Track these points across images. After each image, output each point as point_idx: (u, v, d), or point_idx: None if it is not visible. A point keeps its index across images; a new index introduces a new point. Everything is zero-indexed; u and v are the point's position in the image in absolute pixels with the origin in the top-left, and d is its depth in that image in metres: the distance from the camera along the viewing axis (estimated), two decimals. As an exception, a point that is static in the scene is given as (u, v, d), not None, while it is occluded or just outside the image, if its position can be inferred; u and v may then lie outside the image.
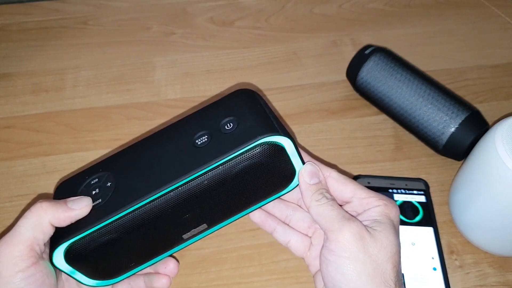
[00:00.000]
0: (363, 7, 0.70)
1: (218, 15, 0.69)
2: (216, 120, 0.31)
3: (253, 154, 0.29)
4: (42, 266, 0.29)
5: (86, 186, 0.32)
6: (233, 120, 0.31)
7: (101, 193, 0.31)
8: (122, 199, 0.30)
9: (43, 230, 0.29)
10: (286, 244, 0.37)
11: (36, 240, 0.29)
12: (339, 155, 0.51)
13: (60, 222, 0.29)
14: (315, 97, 0.57)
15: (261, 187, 0.32)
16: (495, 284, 0.42)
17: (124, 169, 0.32)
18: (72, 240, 0.29)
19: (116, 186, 0.31)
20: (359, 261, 0.29)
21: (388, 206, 0.32)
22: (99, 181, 0.32)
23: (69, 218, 0.29)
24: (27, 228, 0.29)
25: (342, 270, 0.29)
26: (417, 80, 0.50)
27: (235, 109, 0.32)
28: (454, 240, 0.45)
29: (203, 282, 0.42)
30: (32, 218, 0.29)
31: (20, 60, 0.62)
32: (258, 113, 0.31)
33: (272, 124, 0.30)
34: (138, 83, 0.59)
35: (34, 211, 0.29)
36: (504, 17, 0.67)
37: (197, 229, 0.33)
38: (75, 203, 0.30)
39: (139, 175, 0.31)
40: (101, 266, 0.32)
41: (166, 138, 0.33)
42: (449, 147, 0.48)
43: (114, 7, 0.70)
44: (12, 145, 0.53)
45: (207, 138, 0.30)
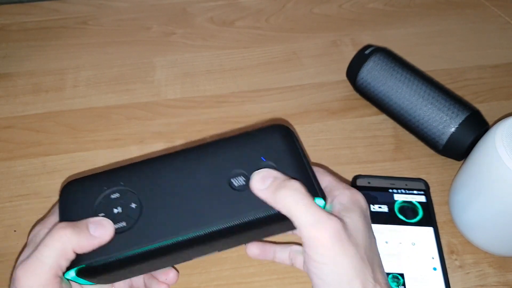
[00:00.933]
0: (363, 7, 0.70)
1: (218, 15, 0.69)
2: (254, 160, 0.31)
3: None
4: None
5: (105, 200, 0.30)
6: (272, 167, 0.30)
7: (124, 215, 0.29)
8: (151, 233, 0.29)
9: (67, 258, 0.28)
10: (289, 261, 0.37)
11: (59, 267, 0.28)
12: (339, 155, 0.51)
13: (83, 250, 0.28)
14: (315, 97, 0.57)
15: (282, 227, 0.31)
16: (495, 284, 0.42)
17: (150, 191, 0.30)
18: (92, 264, 0.29)
19: (142, 211, 0.30)
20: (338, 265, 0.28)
21: (355, 193, 0.32)
22: (121, 198, 0.30)
23: (92, 246, 0.28)
24: (51, 256, 0.28)
25: (320, 273, 0.28)
26: (417, 80, 0.50)
27: (274, 152, 0.31)
28: (454, 240, 0.45)
29: (203, 282, 0.42)
30: (56, 246, 0.28)
31: (20, 60, 0.62)
32: (298, 166, 0.31)
33: (312, 185, 0.30)
34: (138, 83, 0.59)
35: (58, 238, 0.28)
36: (504, 17, 0.67)
37: (208, 254, 0.33)
38: (97, 229, 0.29)
39: (168, 206, 0.30)
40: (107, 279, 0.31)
41: (197, 165, 0.31)
42: (449, 147, 0.48)
43: (114, 7, 0.70)
44: (12, 145, 0.53)
45: (244, 181, 0.30)
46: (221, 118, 0.55)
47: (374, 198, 0.46)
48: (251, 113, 0.56)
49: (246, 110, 0.56)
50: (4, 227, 0.46)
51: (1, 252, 0.44)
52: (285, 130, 0.33)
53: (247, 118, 0.55)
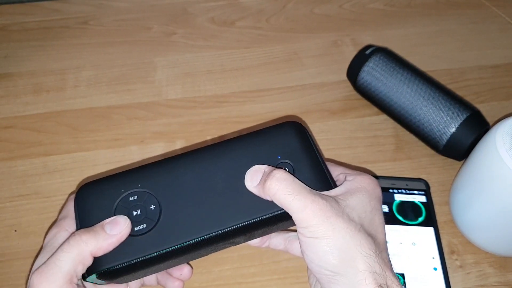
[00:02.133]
0: (363, 7, 0.70)
1: (218, 15, 0.69)
2: (271, 159, 0.31)
3: None
4: None
5: (124, 203, 0.30)
6: (288, 165, 0.31)
7: (144, 217, 0.30)
8: (171, 235, 0.29)
9: (84, 263, 0.28)
10: (284, 248, 0.37)
11: (75, 273, 0.28)
12: (340, 155, 0.51)
13: (103, 252, 0.28)
14: (316, 97, 0.57)
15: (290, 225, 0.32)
16: (495, 284, 0.42)
17: (168, 192, 0.31)
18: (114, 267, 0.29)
19: (161, 213, 0.30)
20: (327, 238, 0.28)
21: (365, 178, 0.32)
22: (140, 200, 0.30)
23: (110, 245, 0.28)
24: (67, 262, 0.28)
25: (313, 249, 0.28)
26: (418, 80, 0.50)
27: (289, 151, 0.31)
28: (455, 240, 0.45)
29: (204, 282, 0.42)
30: (73, 252, 0.28)
31: (21, 60, 0.62)
32: (313, 161, 0.31)
33: (326, 179, 0.31)
34: (139, 83, 0.60)
35: (74, 244, 0.28)
36: (504, 17, 0.67)
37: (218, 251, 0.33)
38: (113, 228, 0.29)
39: (188, 208, 0.30)
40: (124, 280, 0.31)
41: (214, 165, 0.31)
42: (450, 147, 0.48)
43: (115, 7, 0.70)
44: (13, 145, 0.53)
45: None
46: (222, 118, 0.55)
47: (374, 198, 0.46)
48: (252, 113, 0.56)
49: (247, 110, 0.56)
50: (4, 227, 0.46)
51: (2, 252, 0.44)
52: (299, 127, 0.33)
53: (248, 118, 0.55)
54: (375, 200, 0.31)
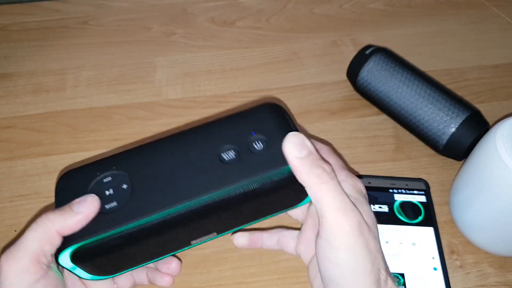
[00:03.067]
0: (363, 7, 0.70)
1: (218, 15, 0.69)
2: (245, 135, 0.31)
3: (278, 181, 0.29)
4: (51, 277, 0.28)
5: (98, 184, 0.30)
6: (262, 139, 0.30)
7: (115, 196, 0.30)
8: (141, 208, 0.29)
9: (51, 242, 0.28)
10: (277, 245, 0.37)
11: (43, 252, 0.28)
12: (340, 155, 0.51)
13: (70, 230, 0.28)
14: (316, 97, 0.57)
15: (277, 205, 0.32)
16: (495, 284, 0.42)
17: (141, 172, 0.31)
18: (84, 243, 0.28)
19: (133, 190, 0.30)
20: (357, 255, 0.27)
21: (357, 182, 0.30)
22: (113, 180, 0.30)
23: (78, 222, 0.28)
24: (33, 241, 0.27)
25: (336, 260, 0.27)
26: (418, 80, 0.50)
27: (264, 127, 0.31)
28: (455, 240, 0.45)
29: (204, 282, 0.42)
30: (39, 230, 0.27)
31: (21, 60, 0.62)
32: (287, 131, 0.31)
33: None
34: (139, 83, 0.60)
35: (41, 223, 0.28)
36: (504, 17, 0.67)
37: (206, 237, 0.33)
38: (80, 205, 0.28)
39: (159, 183, 0.30)
40: (104, 266, 0.31)
41: (188, 144, 0.31)
42: (450, 147, 0.48)
43: (115, 7, 0.70)
44: (13, 145, 0.53)
45: (234, 155, 0.30)
46: (222, 118, 0.55)
47: (374, 198, 0.46)
48: (251, 113, 0.56)
49: (247, 110, 0.56)
50: (4, 227, 0.46)
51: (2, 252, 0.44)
52: (275, 107, 0.33)
53: (248, 118, 0.55)
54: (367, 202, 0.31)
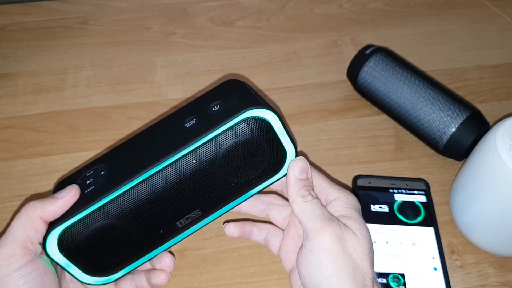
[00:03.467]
0: (363, 7, 0.70)
1: (218, 15, 0.69)
2: (205, 105, 0.32)
3: (238, 130, 0.30)
4: (39, 264, 0.30)
5: (82, 179, 0.32)
6: (220, 102, 0.31)
7: (94, 182, 0.31)
8: (111, 184, 0.30)
9: (35, 227, 0.29)
10: (264, 241, 0.38)
11: (28, 238, 0.29)
12: (340, 155, 0.51)
13: (52, 215, 0.30)
14: (316, 97, 0.57)
15: (252, 168, 0.32)
16: (495, 284, 0.42)
17: (117, 158, 0.33)
18: (63, 226, 0.29)
19: (108, 173, 0.31)
20: (339, 262, 0.29)
21: (348, 197, 0.33)
22: (94, 172, 0.32)
23: (59, 208, 0.30)
24: (18, 227, 0.29)
25: (322, 270, 0.29)
26: (418, 80, 0.50)
27: (222, 94, 0.32)
28: (455, 240, 0.45)
29: (204, 282, 0.42)
30: (22, 217, 0.30)
31: (21, 60, 0.62)
32: (244, 94, 0.32)
33: (256, 101, 0.31)
34: (139, 83, 0.59)
35: (23, 211, 0.30)
36: (504, 17, 0.67)
37: (190, 216, 0.32)
38: (60, 192, 0.30)
39: (130, 161, 0.31)
40: (96, 259, 0.32)
41: (158, 127, 0.33)
42: (450, 147, 0.48)
43: (115, 7, 0.70)
44: (12, 145, 0.53)
45: (195, 121, 0.31)
46: (222, 118, 0.55)
47: (374, 198, 0.46)
48: (251, 113, 0.56)
49: (247, 110, 0.56)
50: (4, 227, 0.46)
51: (2, 252, 0.44)
52: (234, 81, 0.34)
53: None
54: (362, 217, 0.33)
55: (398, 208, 0.45)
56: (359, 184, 0.47)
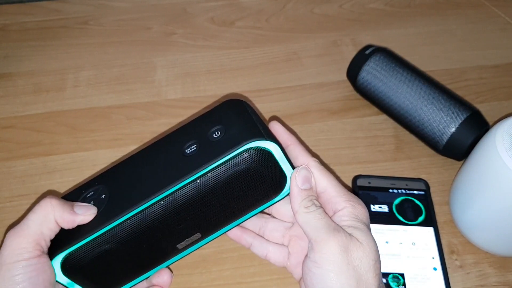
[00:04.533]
0: (363, 7, 0.70)
1: (218, 15, 0.69)
2: (205, 129, 0.32)
3: (240, 160, 0.30)
4: (44, 259, 0.30)
5: (82, 200, 0.32)
6: (220, 128, 0.31)
7: (95, 205, 0.31)
8: (115, 210, 0.30)
9: (49, 227, 0.30)
10: (265, 257, 0.37)
11: (42, 235, 0.30)
12: (340, 155, 0.51)
13: (64, 223, 0.30)
14: (316, 97, 0.57)
15: (252, 194, 0.32)
16: (495, 284, 0.42)
17: (117, 181, 0.33)
18: (67, 252, 0.30)
19: (109, 197, 0.31)
20: (343, 273, 0.29)
21: (356, 207, 0.31)
22: (94, 194, 0.32)
23: (72, 221, 0.30)
24: (34, 222, 0.30)
25: (326, 282, 0.29)
26: (418, 80, 0.50)
27: (223, 118, 0.32)
28: (455, 240, 0.45)
29: (204, 282, 0.42)
30: (40, 213, 0.30)
31: (21, 60, 0.62)
32: (244, 120, 0.32)
33: (258, 130, 0.31)
34: (139, 83, 0.59)
35: (43, 206, 0.30)
36: (504, 17, 0.67)
37: (191, 239, 0.33)
38: (81, 208, 0.30)
39: (131, 186, 0.31)
40: (98, 279, 0.32)
41: (157, 150, 0.33)
42: (450, 147, 0.48)
43: (115, 7, 0.70)
44: (12, 145, 0.53)
45: (195, 147, 0.31)
46: (222, 118, 0.55)
47: (374, 198, 0.46)
48: (251, 113, 0.56)
49: (247, 110, 0.56)
50: (4, 227, 0.46)
51: (2, 252, 0.44)
52: (236, 102, 0.34)
53: (248, 118, 0.55)
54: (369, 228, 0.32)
55: (398, 208, 0.45)
56: (359, 184, 0.47)
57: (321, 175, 0.32)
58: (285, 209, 0.36)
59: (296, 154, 0.33)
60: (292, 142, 0.34)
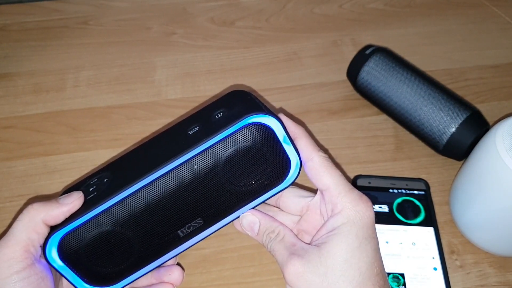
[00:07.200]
0: (363, 7, 0.70)
1: (218, 15, 0.69)
2: (208, 114, 0.32)
3: (240, 135, 0.29)
4: (38, 269, 0.29)
5: (86, 187, 0.32)
6: (223, 110, 0.31)
7: (97, 189, 0.31)
8: (114, 189, 0.30)
9: (37, 231, 0.29)
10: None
11: (30, 241, 0.29)
12: (340, 155, 0.51)
13: (54, 219, 0.29)
14: (316, 97, 0.57)
15: (255, 176, 0.31)
16: (495, 284, 0.42)
17: (121, 166, 0.33)
18: (63, 231, 0.29)
19: (111, 180, 0.31)
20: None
21: (357, 207, 0.30)
22: (98, 180, 0.32)
23: (62, 213, 0.29)
24: (20, 230, 0.29)
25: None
26: (418, 80, 0.50)
27: (227, 103, 0.32)
28: (455, 240, 0.45)
29: (204, 282, 0.42)
30: (25, 219, 0.29)
31: (21, 60, 0.62)
32: (247, 102, 0.31)
33: (260, 107, 0.30)
34: (139, 83, 0.59)
35: (26, 213, 0.29)
36: (504, 17, 0.67)
37: (192, 225, 0.32)
38: (65, 198, 0.30)
39: (132, 168, 0.31)
40: (97, 268, 0.31)
41: (163, 137, 0.33)
42: (450, 147, 0.48)
43: (115, 7, 0.70)
44: (12, 145, 0.53)
45: (198, 128, 0.31)
46: (222, 118, 0.55)
47: (374, 198, 0.46)
48: (251, 113, 0.56)
49: (247, 110, 0.56)
50: (4, 227, 0.46)
51: (2, 252, 0.44)
52: (241, 91, 0.34)
53: (248, 118, 0.55)
54: (364, 229, 0.30)
55: (398, 208, 0.45)
56: (359, 184, 0.47)
57: (325, 172, 0.31)
58: (292, 202, 0.35)
59: (301, 147, 0.32)
60: (299, 135, 0.32)
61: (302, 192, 0.35)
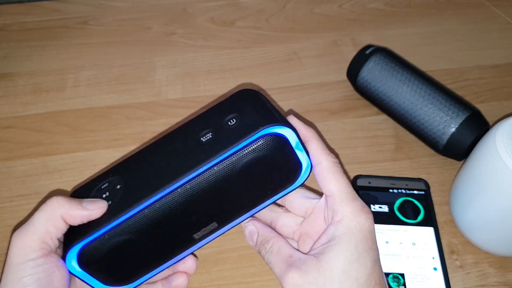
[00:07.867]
0: (363, 7, 0.70)
1: (218, 15, 0.69)
2: (220, 118, 0.32)
3: (256, 146, 0.30)
4: (54, 258, 0.30)
5: (97, 191, 0.32)
6: (236, 116, 0.31)
7: (111, 196, 0.31)
8: (131, 199, 0.30)
9: (55, 225, 0.29)
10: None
11: (48, 234, 0.29)
12: (340, 155, 0.51)
13: (72, 220, 0.30)
14: (316, 97, 0.57)
15: (268, 182, 0.32)
16: (495, 284, 0.42)
17: (132, 171, 0.32)
18: (83, 243, 0.30)
19: (125, 187, 0.31)
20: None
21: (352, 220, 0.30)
22: (109, 185, 0.32)
23: (81, 217, 0.30)
24: (40, 221, 0.29)
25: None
26: (418, 80, 0.50)
27: (238, 106, 0.32)
28: (455, 240, 0.45)
29: (204, 282, 0.42)
30: (46, 211, 0.29)
31: (21, 60, 0.62)
32: (260, 108, 0.32)
33: (273, 117, 0.31)
34: (139, 83, 0.59)
35: (49, 204, 0.30)
36: (504, 17, 0.67)
37: (207, 228, 0.33)
38: (89, 203, 0.30)
39: (147, 175, 0.31)
40: (114, 271, 0.32)
41: (172, 139, 0.33)
42: (450, 147, 0.48)
43: (115, 7, 0.70)
44: (12, 145, 0.53)
45: (211, 135, 0.31)
46: (222, 118, 0.55)
47: (374, 198, 0.46)
48: (251, 113, 0.56)
49: (247, 110, 0.56)
50: (4, 227, 0.46)
51: (2, 252, 0.44)
52: (250, 91, 0.34)
53: (248, 118, 0.55)
54: (363, 241, 0.30)
55: (398, 208, 0.45)
56: (359, 184, 0.47)
57: (331, 178, 0.31)
58: (298, 202, 0.35)
59: (311, 150, 0.32)
60: (309, 137, 0.32)
61: (309, 193, 0.35)
